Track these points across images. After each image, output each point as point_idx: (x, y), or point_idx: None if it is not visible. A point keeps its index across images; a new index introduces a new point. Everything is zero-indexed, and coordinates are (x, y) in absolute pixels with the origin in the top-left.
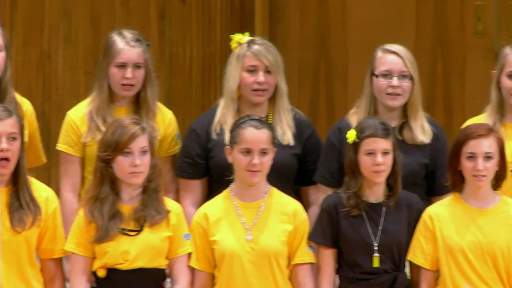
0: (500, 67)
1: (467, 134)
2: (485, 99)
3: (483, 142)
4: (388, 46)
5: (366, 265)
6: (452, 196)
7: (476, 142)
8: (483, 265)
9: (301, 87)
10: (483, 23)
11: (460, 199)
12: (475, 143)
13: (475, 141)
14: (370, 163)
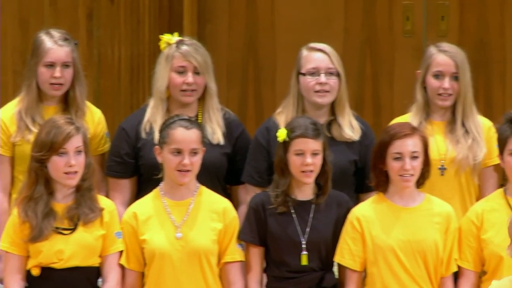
0: (425, 67)
1: (392, 135)
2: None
3: (408, 142)
4: (313, 45)
5: (294, 264)
6: (376, 196)
7: (401, 142)
8: (413, 263)
9: (229, 87)
10: (411, 23)
11: (384, 198)
12: (401, 143)
13: (400, 141)
14: (299, 163)
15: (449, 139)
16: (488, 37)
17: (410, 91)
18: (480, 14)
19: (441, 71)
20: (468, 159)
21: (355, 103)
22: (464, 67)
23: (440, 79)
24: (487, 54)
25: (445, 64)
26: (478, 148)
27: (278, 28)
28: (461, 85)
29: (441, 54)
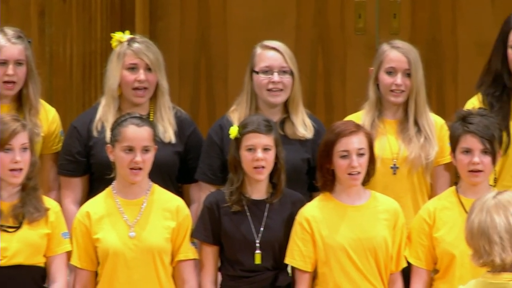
0: (378, 64)
1: (338, 133)
2: (366, 96)
3: (354, 139)
4: (267, 43)
5: (248, 263)
6: (322, 195)
7: (347, 139)
8: (364, 260)
9: (181, 85)
10: (363, 21)
11: (331, 197)
12: (347, 141)
13: (346, 138)
14: (250, 158)
15: (402, 138)
16: (440, 35)
17: (363, 89)
18: (432, 12)
19: (394, 67)
20: (420, 158)
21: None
22: (417, 64)
23: (393, 75)
24: (439, 52)
25: (398, 60)
26: (430, 147)
27: (230, 25)
28: (414, 82)
29: (393, 50)
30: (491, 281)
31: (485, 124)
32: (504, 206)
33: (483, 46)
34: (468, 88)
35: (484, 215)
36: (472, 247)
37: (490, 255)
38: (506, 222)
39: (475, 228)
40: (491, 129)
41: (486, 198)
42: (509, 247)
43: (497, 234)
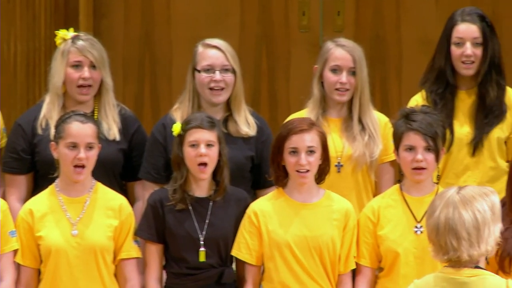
0: (323, 62)
1: (289, 129)
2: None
3: (305, 137)
4: (208, 41)
5: (193, 260)
6: (276, 190)
7: (298, 137)
8: (309, 259)
9: (126, 83)
10: (307, 18)
11: (283, 193)
12: (297, 138)
13: (297, 136)
14: (193, 154)
15: (346, 137)
16: (384, 32)
17: (307, 87)
18: (376, 9)
19: (339, 65)
20: (364, 156)
21: (251, 99)
22: (361, 62)
23: (338, 73)
24: (383, 50)
25: (343, 58)
26: (374, 145)
27: (174, 23)
28: (358, 80)
29: (338, 48)
30: (452, 277)
31: (428, 121)
32: (470, 202)
33: (426, 43)
34: (411, 85)
35: (451, 211)
36: (436, 243)
37: (457, 251)
38: (474, 217)
39: (442, 224)
40: (434, 127)
41: (449, 194)
42: (476, 242)
43: (465, 230)
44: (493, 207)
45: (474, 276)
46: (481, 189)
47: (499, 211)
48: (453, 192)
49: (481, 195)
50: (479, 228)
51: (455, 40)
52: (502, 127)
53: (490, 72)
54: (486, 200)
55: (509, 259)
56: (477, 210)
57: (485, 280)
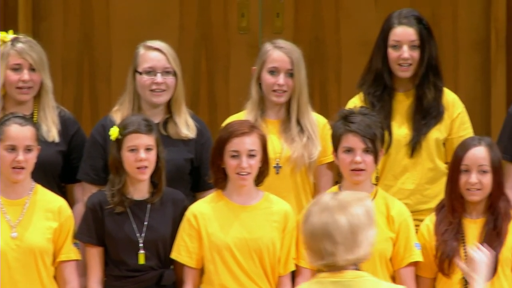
0: (261, 63)
1: (230, 132)
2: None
3: (246, 140)
4: (150, 43)
5: (132, 263)
6: (215, 193)
7: (239, 140)
8: (249, 261)
9: (65, 85)
10: (246, 20)
11: (223, 195)
12: (238, 141)
13: (238, 139)
14: (133, 159)
15: (284, 138)
16: (323, 34)
17: (246, 88)
18: (315, 11)
19: (276, 67)
20: (303, 158)
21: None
22: (300, 64)
23: (275, 75)
24: (322, 51)
25: (280, 60)
26: (313, 146)
27: (113, 24)
28: (296, 82)
29: (276, 50)
30: (336, 279)
31: (366, 123)
32: (345, 207)
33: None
34: (350, 87)
35: (326, 216)
36: (312, 249)
37: (334, 256)
38: (349, 222)
39: (318, 230)
40: (373, 128)
41: (325, 200)
42: (352, 247)
43: (340, 235)
44: (368, 212)
45: (357, 278)
46: (356, 194)
47: (374, 216)
48: (328, 198)
49: (356, 201)
50: (354, 233)
51: (392, 43)
52: (440, 128)
53: (427, 74)
54: (361, 205)
55: (449, 261)
56: (353, 215)
57: (368, 282)
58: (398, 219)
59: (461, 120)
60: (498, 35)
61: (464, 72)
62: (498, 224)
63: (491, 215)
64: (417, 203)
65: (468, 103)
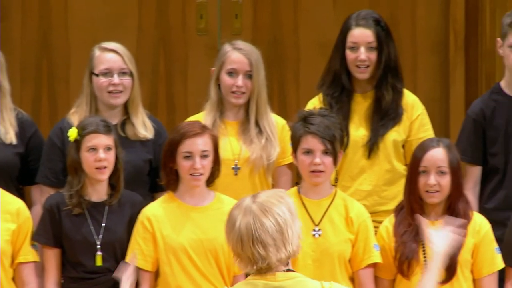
0: (220, 64)
1: (182, 134)
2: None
3: (199, 141)
4: (105, 44)
5: (89, 264)
6: (167, 195)
7: (192, 141)
8: (204, 262)
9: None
10: (205, 21)
11: (175, 197)
12: (191, 142)
13: (190, 140)
14: (92, 159)
15: (243, 139)
16: (282, 35)
17: (204, 90)
18: (274, 12)
19: (235, 68)
20: (262, 159)
21: (149, 102)
22: (258, 65)
23: (234, 77)
24: (281, 52)
25: (239, 62)
26: (271, 148)
27: (71, 26)
28: (255, 83)
29: (235, 52)
30: (268, 282)
31: (326, 124)
32: (269, 208)
33: (324, 46)
34: (309, 88)
35: (252, 221)
36: (243, 256)
37: (266, 259)
38: (276, 223)
39: (245, 236)
40: (332, 130)
41: (246, 204)
42: (282, 246)
43: (270, 237)
44: (290, 208)
45: (289, 279)
46: (275, 192)
47: (295, 210)
48: (249, 202)
49: (277, 199)
50: (282, 231)
51: (349, 44)
52: (398, 130)
53: (385, 75)
54: (283, 202)
55: (408, 263)
56: (277, 215)
57: (301, 282)
58: (357, 220)
59: (420, 122)
60: (457, 36)
61: (423, 73)
62: None
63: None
64: (374, 205)
65: (427, 105)
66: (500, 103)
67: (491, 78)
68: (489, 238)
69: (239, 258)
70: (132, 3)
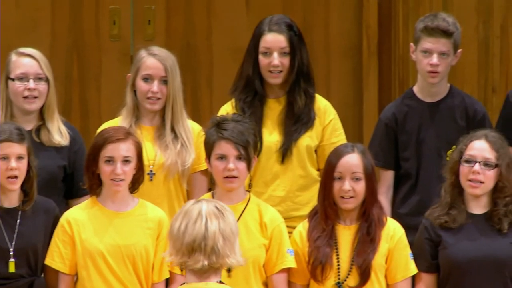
0: (135, 70)
1: (105, 138)
2: (121, 103)
3: (121, 146)
4: (22, 49)
5: (2, 271)
6: (90, 199)
7: (114, 146)
8: (122, 267)
9: None
10: (118, 27)
11: (97, 202)
12: (113, 147)
13: (113, 145)
14: (4, 168)
15: (158, 145)
16: (195, 41)
17: (118, 95)
18: (187, 18)
19: (150, 74)
20: (177, 165)
21: (62, 108)
22: (174, 71)
23: (149, 82)
24: (194, 58)
25: (154, 67)
26: (186, 153)
27: None
28: (170, 89)
29: (150, 57)
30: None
31: (239, 130)
32: (215, 213)
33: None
34: (223, 93)
35: (199, 227)
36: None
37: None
38: (223, 228)
39: (192, 242)
40: (246, 135)
41: (192, 211)
42: (229, 252)
43: (214, 242)
44: (234, 218)
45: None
46: (217, 202)
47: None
48: (196, 209)
49: (221, 206)
50: (229, 239)
51: (262, 49)
52: (311, 135)
53: (298, 80)
54: (227, 210)
55: (322, 268)
56: (225, 223)
57: None
58: (271, 225)
59: (333, 127)
60: (370, 41)
61: (336, 78)
62: (371, 230)
63: (364, 221)
64: (288, 210)
65: (340, 109)
66: (413, 108)
67: (405, 83)
68: (403, 244)
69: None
70: (45, 8)
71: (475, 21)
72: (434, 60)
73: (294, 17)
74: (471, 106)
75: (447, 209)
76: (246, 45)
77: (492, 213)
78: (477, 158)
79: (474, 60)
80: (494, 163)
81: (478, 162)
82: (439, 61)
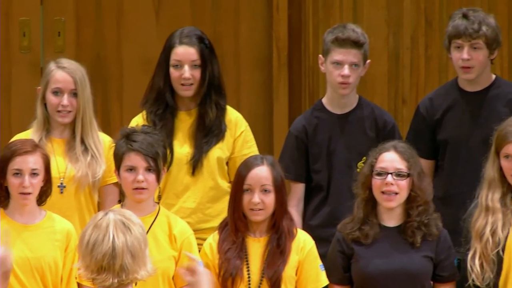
0: (45, 84)
1: (13, 151)
2: (32, 115)
3: (29, 159)
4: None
5: None
6: None
7: (22, 158)
8: (31, 280)
9: None
10: (28, 39)
11: (5, 214)
12: (21, 160)
13: (21, 157)
14: None
15: (69, 157)
16: (105, 52)
17: (28, 108)
18: (97, 29)
19: (60, 88)
20: (87, 177)
21: None
22: (83, 83)
23: (59, 96)
24: (104, 70)
25: (63, 81)
26: (97, 165)
27: None
28: (80, 101)
29: (59, 70)
30: None
31: (149, 141)
32: (121, 229)
33: (147, 63)
34: (133, 105)
35: (104, 243)
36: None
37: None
38: (134, 240)
39: (103, 256)
40: (155, 147)
41: (98, 224)
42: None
43: (130, 255)
44: (143, 228)
45: None
46: (124, 214)
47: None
48: (105, 221)
49: (128, 219)
50: (140, 250)
51: (173, 62)
52: (222, 147)
53: (209, 93)
54: (136, 222)
55: (232, 280)
56: (131, 236)
57: None
58: (181, 237)
59: (244, 139)
60: (280, 53)
61: (247, 89)
62: (281, 242)
63: (274, 233)
64: (198, 222)
65: (251, 121)
66: (322, 120)
67: (315, 95)
68: (313, 255)
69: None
70: None
71: (385, 33)
72: (346, 71)
73: (204, 28)
74: (380, 117)
75: (359, 225)
76: (156, 57)
77: (405, 226)
78: (389, 170)
79: (384, 72)
80: (406, 173)
81: (390, 173)
82: (350, 72)
